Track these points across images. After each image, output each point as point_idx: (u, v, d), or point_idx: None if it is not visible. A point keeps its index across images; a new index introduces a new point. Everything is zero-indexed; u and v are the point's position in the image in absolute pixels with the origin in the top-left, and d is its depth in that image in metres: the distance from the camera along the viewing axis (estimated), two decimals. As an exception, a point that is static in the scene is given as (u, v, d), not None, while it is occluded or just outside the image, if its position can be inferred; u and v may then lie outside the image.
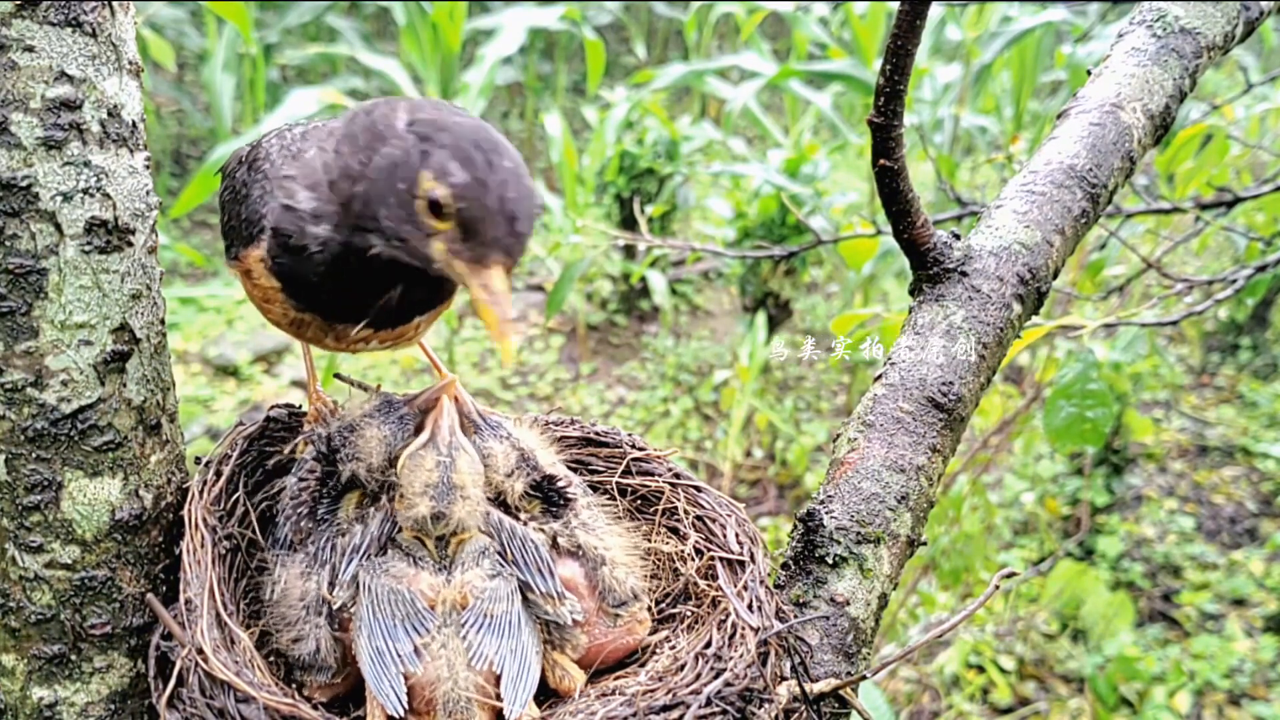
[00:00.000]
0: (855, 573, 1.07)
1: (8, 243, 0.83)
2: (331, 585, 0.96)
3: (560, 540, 1.05)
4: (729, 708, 0.89)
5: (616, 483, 1.19)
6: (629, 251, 6.08)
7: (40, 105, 0.82)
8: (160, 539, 0.97)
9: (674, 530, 1.15)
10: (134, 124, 0.90)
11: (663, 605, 1.10)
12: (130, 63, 0.89)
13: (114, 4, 0.86)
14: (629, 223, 5.59)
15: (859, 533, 1.09)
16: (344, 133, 0.88)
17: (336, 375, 1.17)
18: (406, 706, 0.88)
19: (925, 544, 1.15)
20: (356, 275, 0.89)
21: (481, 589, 0.95)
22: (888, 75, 1.21)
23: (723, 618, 0.98)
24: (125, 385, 0.91)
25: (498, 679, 0.91)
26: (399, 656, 0.90)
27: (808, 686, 0.95)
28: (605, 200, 5.70)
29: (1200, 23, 1.39)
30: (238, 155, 1.00)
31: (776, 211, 4.79)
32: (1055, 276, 1.25)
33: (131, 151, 0.89)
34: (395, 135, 0.83)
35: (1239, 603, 4.06)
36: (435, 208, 0.81)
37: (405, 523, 0.97)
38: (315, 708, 0.89)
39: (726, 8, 7.02)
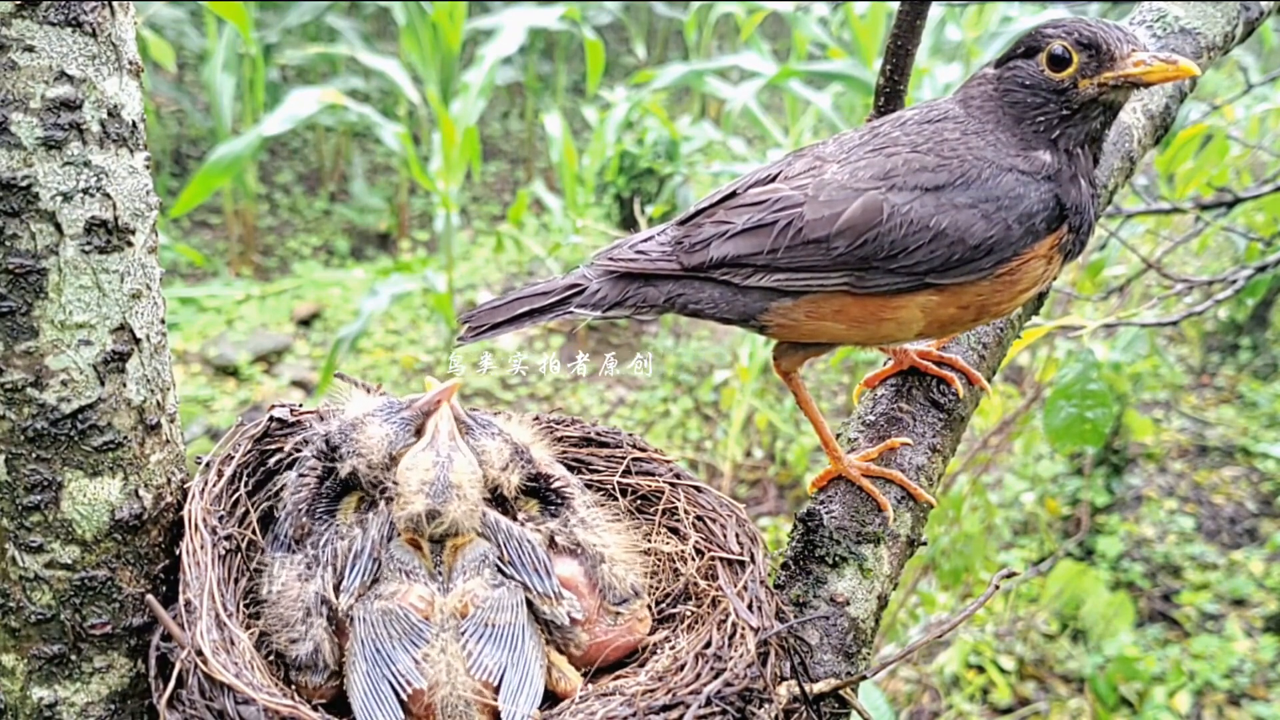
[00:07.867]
0: (855, 572, 1.07)
1: (8, 243, 0.83)
2: (335, 589, 0.96)
3: (558, 539, 1.05)
4: (729, 708, 0.89)
5: (617, 482, 1.19)
6: (629, 251, 6.06)
7: (40, 105, 0.82)
8: (160, 539, 0.97)
9: (674, 530, 1.14)
10: (134, 124, 0.89)
11: (663, 605, 1.09)
12: (130, 63, 0.89)
13: (114, 4, 0.86)
14: (629, 223, 5.59)
15: (859, 532, 1.09)
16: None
17: (337, 375, 1.17)
18: None
19: (925, 544, 1.15)
20: None
21: (484, 598, 0.94)
22: (888, 75, 1.21)
23: (723, 618, 0.98)
24: (125, 385, 0.91)
25: (496, 689, 0.91)
26: (398, 676, 0.90)
27: (808, 686, 0.95)
28: (605, 200, 5.71)
29: (1200, 23, 1.39)
30: None
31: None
32: (1055, 277, 1.25)
33: (131, 151, 0.89)
34: None
35: (1239, 603, 4.06)
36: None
37: (401, 523, 0.96)
38: (315, 709, 0.89)
39: (726, 8, 7.02)
